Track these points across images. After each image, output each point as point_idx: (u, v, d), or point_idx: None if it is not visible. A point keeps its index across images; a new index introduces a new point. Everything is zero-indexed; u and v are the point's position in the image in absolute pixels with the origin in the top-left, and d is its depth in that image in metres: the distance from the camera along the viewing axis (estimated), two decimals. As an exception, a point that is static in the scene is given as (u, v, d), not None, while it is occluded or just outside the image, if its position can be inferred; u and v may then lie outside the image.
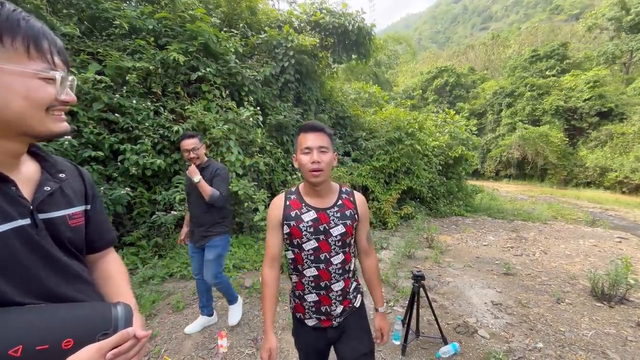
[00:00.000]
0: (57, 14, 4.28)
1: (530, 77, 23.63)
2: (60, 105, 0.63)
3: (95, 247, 0.81)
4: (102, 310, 0.64)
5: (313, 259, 1.22)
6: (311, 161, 1.13)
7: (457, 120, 9.55)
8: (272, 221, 1.26)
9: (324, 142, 1.16)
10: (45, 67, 0.59)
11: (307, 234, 1.20)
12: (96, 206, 0.81)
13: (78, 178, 0.78)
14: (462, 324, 2.71)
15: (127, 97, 4.20)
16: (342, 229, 1.21)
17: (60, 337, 0.56)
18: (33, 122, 0.59)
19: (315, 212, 1.21)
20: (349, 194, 1.31)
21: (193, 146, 2.22)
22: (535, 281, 3.73)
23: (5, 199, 0.58)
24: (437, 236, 5.54)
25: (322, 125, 1.18)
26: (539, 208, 9.58)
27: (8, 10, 0.56)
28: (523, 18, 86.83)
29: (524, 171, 21.24)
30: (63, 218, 0.68)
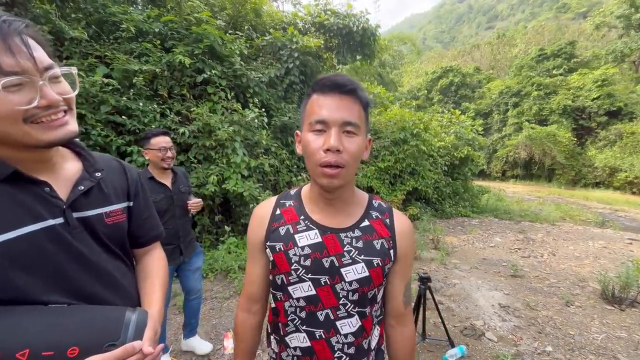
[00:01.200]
0: (66, 19, 4.34)
1: (537, 76, 23.39)
2: (44, 112, 0.56)
3: (140, 242, 0.83)
4: (113, 317, 0.63)
5: (304, 318, 0.74)
6: (325, 147, 0.65)
7: (463, 121, 9.48)
8: (251, 239, 0.82)
9: (352, 115, 0.66)
10: None
11: (299, 270, 0.73)
12: (139, 202, 0.81)
13: (122, 175, 0.79)
14: (469, 327, 2.69)
15: (134, 100, 4.24)
16: (363, 272, 0.72)
17: (67, 345, 0.55)
18: (15, 136, 0.55)
19: (319, 232, 0.74)
20: (384, 211, 0.79)
21: (170, 144, 1.91)
22: (543, 283, 3.68)
23: (36, 200, 0.60)
24: (443, 237, 5.50)
25: (353, 82, 0.68)
26: (547, 209, 9.45)
27: None
28: (529, 17, 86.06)
29: (531, 171, 21.01)
30: (99, 216, 0.69)
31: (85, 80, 3.66)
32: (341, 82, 0.66)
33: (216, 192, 4.29)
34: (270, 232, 0.77)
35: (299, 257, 0.73)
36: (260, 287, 0.83)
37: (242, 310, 0.85)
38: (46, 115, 0.56)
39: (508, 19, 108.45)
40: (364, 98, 0.69)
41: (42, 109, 0.55)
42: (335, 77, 0.68)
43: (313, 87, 0.71)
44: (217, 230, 4.75)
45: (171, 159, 1.92)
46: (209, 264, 3.81)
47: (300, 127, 0.73)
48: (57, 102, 0.57)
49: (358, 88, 0.68)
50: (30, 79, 0.53)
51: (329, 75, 0.69)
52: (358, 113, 0.67)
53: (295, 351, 0.76)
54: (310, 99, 0.70)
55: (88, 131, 3.80)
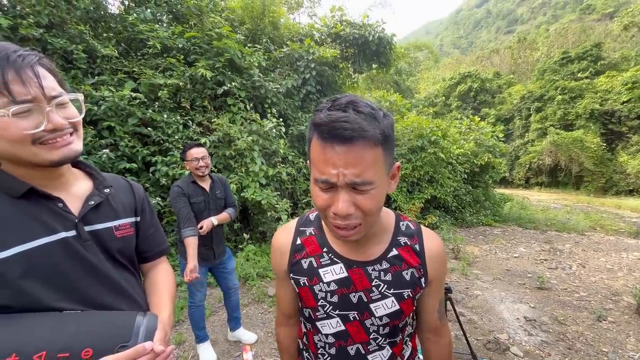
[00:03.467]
0: (98, 38, 4.64)
1: (561, 79, 22.58)
2: (51, 135, 0.61)
3: (146, 257, 0.87)
4: (124, 320, 0.66)
5: (334, 354, 0.74)
6: (333, 211, 0.58)
7: (483, 127, 9.26)
8: (276, 269, 0.82)
9: (365, 169, 0.54)
10: (4, 102, 0.56)
11: (326, 306, 0.71)
12: (145, 218, 0.86)
13: (129, 193, 0.84)
14: (493, 340, 2.59)
15: (159, 112, 4.44)
16: (394, 306, 0.70)
17: (81, 346, 0.59)
18: (25, 157, 0.60)
19: (345, 266, 0.71)
20: (413, 235, 0.74)
21: (204, 154, 2.09)
22: (572, 296, 3.50)
23: (50, 214, 0.65)
24: (464, 247, 5.35)
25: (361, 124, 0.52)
26: (575, 218, 9.00)
27: None
28: (551, 19, 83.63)
29: (557, 178, 20.13)
30: (109, 229, 0.74)
31: (114, 95, 3.88)
32: (342, 129, 0.51)
33: (235, 200, 4.39)
34: (292, 265, 0.74)
35: (325, 292, 0.70)
36: (292, 305, 0.84)
37: (280, 325, 0.87)
38: (52, 138, 0.61)
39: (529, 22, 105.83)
40: (377, 135, 0.53)
41: (48, 132, 0.60)
42: (335, 122, 0.51)
43: (312, 124, 0.56)
44: (235, 238, 4.84)
45: (205, 167, 2.10)
46: (228, 271, 3.87)
47: (308, 161, 0.63)
48: (63, 126, 0.62)
49: (369, 128, 0.52)
50: (38, 105, 0.59)
51: (330, 116, 0.53)
52: (371, 160, 0.54)
53: None
54: (312, 141, 0.57)
55: (117, 142, 4.01)
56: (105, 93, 3.82)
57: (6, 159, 0.61)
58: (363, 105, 0.54)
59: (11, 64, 0.57)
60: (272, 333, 2.69)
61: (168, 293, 0.85)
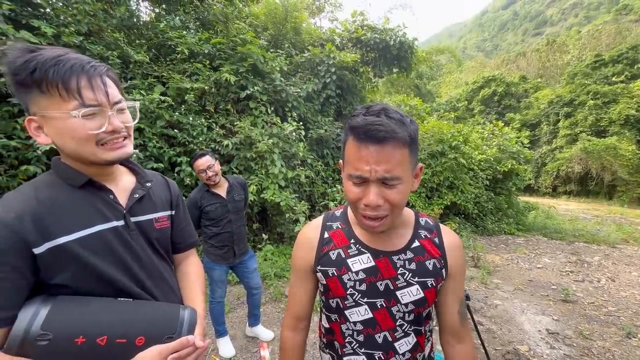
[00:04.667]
0: (131, 44, 4.93)
1: (594, 84, 21.51)
2: (110, 136, 0.69)
3: (179, 248, 0.95)
4: (171, 313, 0.73)
5: (363, 341, 0.76)
6: (364, 202, 0.65)
7: (506, 133, 8.99)
8: (298, 263, 0.83)
9: (394, 166, 0.61)
10: (76, 105, 0.64)
11: (355, 295, 0.75)
12: (179, 212, 0.94)
13: (166, 188, 0.93)
14: (512, 351, 2.53)
15: (185, 115, 4.65)
16: (419, 293, 0.74)
17: (136, 334, 0.66)
18: (87, 155, 0.69)
19: (372, 256, 0.75)
20: (432, 230, 0.80)
21: (208, 164, 2.12)
22: (600, 311, 3.35)
23: (104, 204, 0.74)
24: (484, 255, 5.21)
25: (392, 127, 0.60)
26: (606, 229, 8.53)
27: (39, 62, 0.62)
28: (584, 21, 79.92)
29: (587, 187, 19.13)
30: (150, 221, 0.82)
31: (145, 98, 4.10)
32: (376, 131, 0.59)
33: (255, 201, 4.51)
34: (320, 257, 0.78)
35: (354, 281, 0.74)
36: (306, 307, 0.85)
37: (288, 328, 0.87)
38: (111, 140, 0.70)
39: (559, 24, 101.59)
40: (405, 137, 0.61)
41: (108, 134, 0.69)
42: (370, 125, 0.60)
43: (349, 127, 0.64)
44: (254, 238, 4.96)
45: (214, 175, 2.13)
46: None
47: (342, 160, 0.71)
48: (120, 129, 0.70)
49: (399, 130, 0.60)
50: (102, 109, 0.67)
51: (366, 119, 0.61)
52: (400, 159, 0.62)
53: None
54: (347, 142, 0.65)
55: (145, 143, 4.23)
56: (136, 96, 4.05)
57: (69, 155, 0.70)
58: (393, 112, 0.63)
59: (84, 73, 0.65)
60: (288, 332, 2.76)
61: (200, 286, 0.94)
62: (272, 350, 2.48)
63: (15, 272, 0.60)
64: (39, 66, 0.61)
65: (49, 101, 0.63)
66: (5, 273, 0.59)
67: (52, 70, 0.62)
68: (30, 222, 0.62)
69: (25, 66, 0.61)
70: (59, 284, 0.65)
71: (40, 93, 0.63)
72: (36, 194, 0.67)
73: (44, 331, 0.59)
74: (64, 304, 0.64)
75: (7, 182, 3.28)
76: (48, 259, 0.63)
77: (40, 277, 0.64)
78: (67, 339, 0.60)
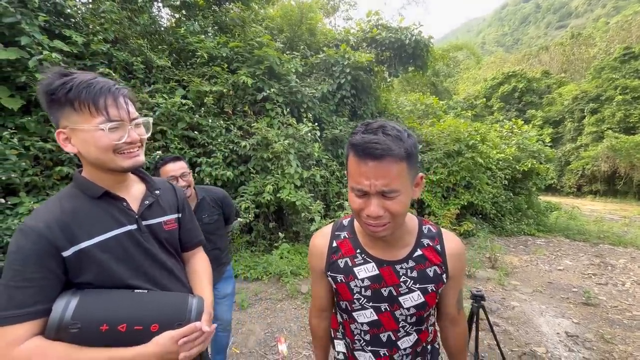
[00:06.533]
0: (154, 50, 5.15)
1: (622, 78, 20.47)
2: (127, 147, 0.81)
3: (186, 247, 1.06)
4: (180, 301, 0.84)
5: (369, 340, 0.86)
6: (366, 213, 0.71)
7: (526, 131, 8.74)
8: (313, 268, 0.94)
9: (391, 180, 0.67)
10: (102, 119, 0.76)
11: (361, 299, 0.83)
12: (185, 215, 1.06)
13: (173, 194, 1.04)
14: (529, 353, 2.52)
15: (204, 117, 4.82)
16: (419, 298, 0.81)
17: (151, 322, 0.76)
18: (106, 162, 0.80)
19: (376, 265, 0.82)
20: (434, 237, 0.85)
21: (182, 171, 1.71)
22: (623, 315, 3.25)
23: (119, 212, 0.85)
24: (502, 256, 5.13)
25: (388, 144, 0.65)
26: (635, 231, 8.16)
27: (74, 84, 0.74)
28: (612, 11, 75.99)
29: (615, 187, 18.26)
30: (159, 224, 0.93)
31: (167, 102, 4.28)
32: (374, 149, 0.65)
33: (271, 201, 4.62)
34: (330, 264, 0.87)
35: (360, 288, 0.82)
36: (326, 300, 0.97)
37: (314, 317, 1.01)
38: (127, 149, 0.81)
39: (584, 15, 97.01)
40: (402, 153, 0.66)
41: (126, 144, 0.80)
42: (368, 143, 0.65)
43: (350, 143, 0.70)
44: (270, 236, 5.08)
45: (185, 187, 1.70)
46: (263, 267, 4.09)
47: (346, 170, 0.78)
48: (136, 140, 0.83)
49: (395, 147, 0.65)
50: (123, 124, 0.80)
51: (364, 137, 0.67)
52: (397, 173, 0.67)
53: None
54: (349, 158, 0.71)
55: (168, 144, 4.41)
56: (159, 100, 4.23)
57: (91, 162, 0.81)
58: (390, 128, 0.68)
59: (110, 94, 0.78)
60: (304, 327, 2.84)
61: (207, 278, 1.05)
62: (290, 345, 2.57)
63: (50, 273, 0.72)
64: (74, 87, 0.74)
65: (80, 116, 0.75)
66: (44, 274, 0.71)
67: (85, 91, 0.74)
68: (58, 230, 0.73)
69: (62, 87, 0.74)
70: (83, 282, 0.76)
71: (72, 110, 0.75)
72: (61, 205, 0.78)
73: (74, 320, 0.69)
74: (89, 297, 0.74)
75: (43, 183, 3.52)
76: (74, 261, 0.74)
77: (69, 277, 0.75)
78: (94, 326, 0.71)
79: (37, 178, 3.45)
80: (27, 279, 0.69)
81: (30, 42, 3.35)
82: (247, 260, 4.23)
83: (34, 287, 0.70)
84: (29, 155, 3.37)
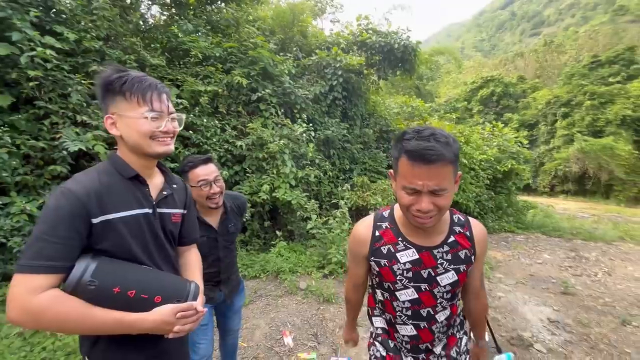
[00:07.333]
0: (146, 48, 5.09)
1: (590, 84, 21.79)
2: (162, 135, 0.92)
3: (183, 242, 1.15)
4: (182, 283, 0.96)
5: (411, 315, 0.98)
6: (416, 208, 0.81)
7: (506, 133, 9.20)
8: (354, 253, 1.04)
9: (442, 181, 0.78)
10: (147, 109, 0.88)
11: (403, 280, 0.95)
12: (190, 212, 1.16)
13: (183, 191, 1.15)
14: (517, 337, 2.73)
15: (199, 117, 4.82)
16: (454, 277, 0.94)
17: (156, 293, 0.86)
18: (144, 146, 0.91)
19: (416, 251, 0.94)
20: (464, 225, 0.99)
21: (216, 174, 1.53)
22: (597, 302, 3.55)
23: (142, 195, 0.95)
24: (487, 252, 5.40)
25: (441, 150, 0.75)
26: (603, 227, 8.76)
27: (129, 79, 0.88)
28: (581, 21, 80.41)
29: (585, 187, 19.41)
30: (169, 214, 1.04)
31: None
32: (429, 154, 0.74)
33: (267, 200, 4.68)
34: (373, 250, 0.98)
35: (402, 270, 0.94)
36: (362, 278, 1.11)
37: (351, 291, 1.17)
38: (162, 137, 0.93)
39: (556, 24, 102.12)
40: (451, 156, 0.76)
41: (162, 133, 0.92)
42: (423, 150, 0.75)
43: (403, 147, 0.79)
44: (265, 235, 5.13)
45: (218, 194, 1.52)
46: (260, 265, 4.15)
47: (394, 170, 0.88)
48: (171, 130, 0.94)
49: (446, 152, 0.75)
50: (163, 115, 0.92)
51: (419, 144, 0.76)
52: (446, 174, 0.78)
53: (404, 337, 1.03)
54: (401, 160, 0.81)
55: (165, 153, 4.39)
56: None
57: (130, 144, 0.91)
58: (440, 135, 0.79)
59: (156, 90, 0.91)
60: (307, 321, 2.94)
61: (198, 269, 1.16)
62: (295, 337, 2.66)
63: (78, 234, 0.80)
64: (128, 81, 0.87)
65: (129, 105, 0.88)
66: (73, 233, 0.79)
67: (137, 85, 0.88)
68: (94, 198, 0.83)
69: (118, 79, 0.87)
70: (101, 249, 0.84)
71: (124, 99, 0.88)
72: (99, 178, 0.88)
73: (92, 278, 0.77)
74: (107, 262, 0.83)
75: (34, 182, 3.44)
76: (100, 228, 0.83)
77: (90, 242, 0.83)
78: (108, 287, 0.79)
79: (29, 177, 3.37)
80: (58, 236, 0.76)
81: (22, 38, 3.27)
82: (243, 259, 4.27)
83: (62, 245, 0.77)
84: (19, 153, 3.28)
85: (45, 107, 3.49)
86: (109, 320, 0.79)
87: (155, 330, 0.85)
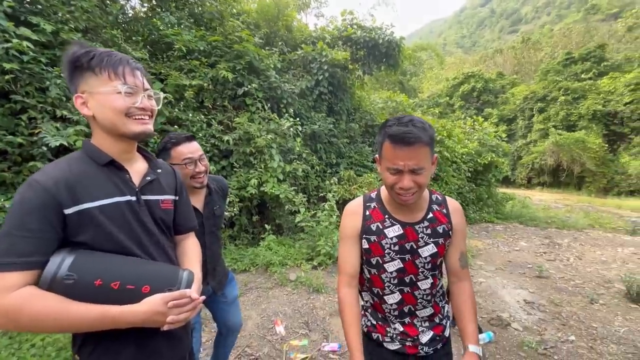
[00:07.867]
0: (127, 41, 4.96)
1: (564, 80, 22.74)
2: (139, 112, 0.85)
3: (179, 230, 1.09)
4: (172, 271, 0.88)
5: (397, 282, 1.07)
6: (399, 186, 0.93)
7: (486, 128, 9.54)
8: (348, 232, 1.09)
9: (420, 160, 0.90)
10: (119, 83, 0.81)
11: (390, 253, 1.05)
12: (183, 198, 1.09)
13: (172, 176, 1.08)
14: (496, 318, 2.91)
15: (184, 111, 4.75)
16: (433, 249, 1.05)
17: (143, 283, 0.79)
18: (119, 125, 0.84)
19: (401, 226, 1.05)
20: (441, 203, 1.11)
21: (200, 153, 1.47)
22: (568, 284, 3.81)
23: (121, 181, 0.88)
24: (468, 241, 5.64)
25: (418, 134, 0.88)
26: (575, 216, 9.28)
27: (97, 53, 0.81)
28: (556, 19, 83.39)
29: (559, 179, 20.36)
30: (157, 201, 0.96)
31: (145, 95, 4.18)
32: (411, 137, 0.87)
33: (255, 195, 4.70)
34: (365, 228, 1.08)
35: (390, 244, 1.05)
36: (356, 266, 1.09)
37: (344, 286, 1.06)
38: (139, 115, 0.86)
39: (533, 22, 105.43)
40: (427, 139, 0.89)
41: (138, 110, 0.85)
42: (403, 133, 0.88)
43: (386, 133, 0.92)
44: (253, 230, 5.15)
45: (204, 173, 1.45)
46: (250, 258, 4.18)
47: (378, 154, 1.00)
48: (147, 107, 0.88)
49: (422, 134, 0.88)
50: (137, 90, 0.86)
51: (399, 129, 0.89)
52: (424, 155, 0.90)
53: (392, 306, 1.10)
54: (385, 144, 0.94)
55: (146, 140, 4.32)
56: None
57: (105, 126, 0.85)
58: (417, 121, 0.92)
59: (128, 64, 0.85)
60: (298, 310, 3.02)
61: (197, 257, 1.09)
62: (286, 326, 2.73)
63: (51, 226, 0.74)
64: (97, 56, 0.81)
65: (99, 81, 0.81)
66: (44, 226, 0.74)
67: (106, 59, 0.82)
68: (64, 188, 0.77)
69: (86, 55, 0.81)
70: (80, 242, 0.79)
71: (93, 74, 0.81)
72: (70, 166, 0.82)
73: (70, 272, 0.72)
74: (86, 255, 0.78)
75: (11, 179, 3.33)
76: (75, 219, 0.77)
77: (67, 234, 0.78)
78: (88, 280, 0.74)
79: (6, 174, 3.26)
80: (28, 229, 0.72)
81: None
82: (232, 253, 4.29)
83: (34, 238, 0.72)
84: (-5, 149, 3.17)
85: (22, 101, 3.37)
86: (90, 316, 0.73)
87: (147, 322, 0.79)
